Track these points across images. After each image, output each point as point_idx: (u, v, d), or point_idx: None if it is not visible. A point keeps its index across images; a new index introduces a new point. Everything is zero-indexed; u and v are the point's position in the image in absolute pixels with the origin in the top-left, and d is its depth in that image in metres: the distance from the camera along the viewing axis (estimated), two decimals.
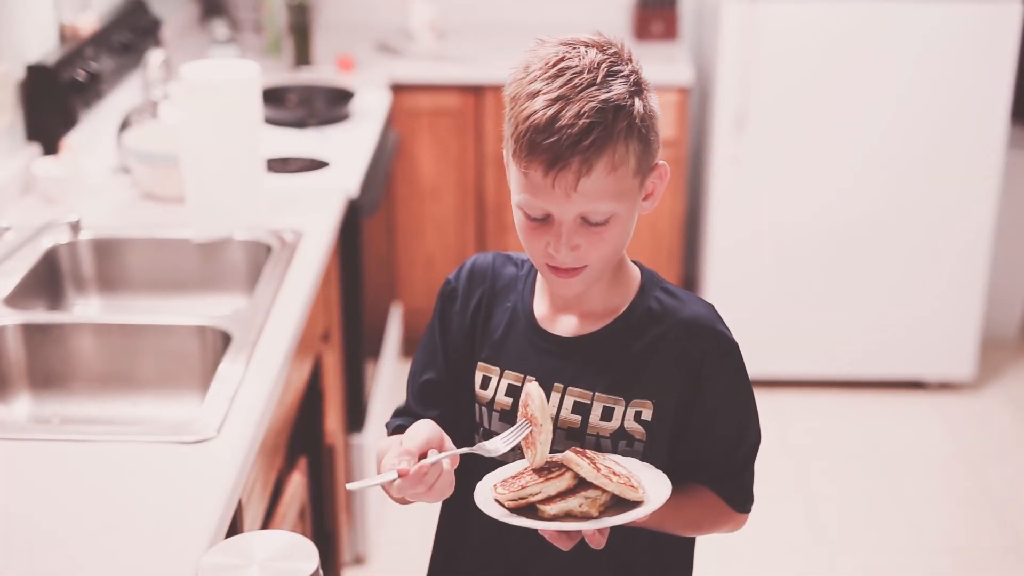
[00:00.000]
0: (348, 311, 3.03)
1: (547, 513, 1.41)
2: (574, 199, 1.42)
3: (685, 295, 1.57)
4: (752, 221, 3.97)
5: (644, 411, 1.52)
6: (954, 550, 3.34)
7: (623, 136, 1.41)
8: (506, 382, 1.56)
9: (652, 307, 1.55)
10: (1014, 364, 4.29)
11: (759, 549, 3.31)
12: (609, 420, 1.52)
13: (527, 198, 1.45)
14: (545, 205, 1.44)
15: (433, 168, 4.02)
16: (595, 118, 1.39)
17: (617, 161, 1.42)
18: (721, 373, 1.55)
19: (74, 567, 1.60)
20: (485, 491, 1.47)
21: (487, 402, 1.58)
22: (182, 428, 1.89)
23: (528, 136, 1.40)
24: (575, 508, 1.41)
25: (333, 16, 4.46)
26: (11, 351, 2.25)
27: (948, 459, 3.74)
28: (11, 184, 2.70)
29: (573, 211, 1.43)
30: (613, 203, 1.44)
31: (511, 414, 1.55)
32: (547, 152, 1.40)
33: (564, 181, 1.41)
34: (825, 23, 3.77)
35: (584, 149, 1.39)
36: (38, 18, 2.88)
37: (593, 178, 1.41)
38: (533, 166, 1.41)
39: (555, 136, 1.39)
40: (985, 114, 3.84)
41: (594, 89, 1.41)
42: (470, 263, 1.66)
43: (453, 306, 1.63)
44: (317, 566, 1.39)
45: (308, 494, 2.58)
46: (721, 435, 1.57)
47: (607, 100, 1.40)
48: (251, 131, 2.57)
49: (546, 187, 1.42)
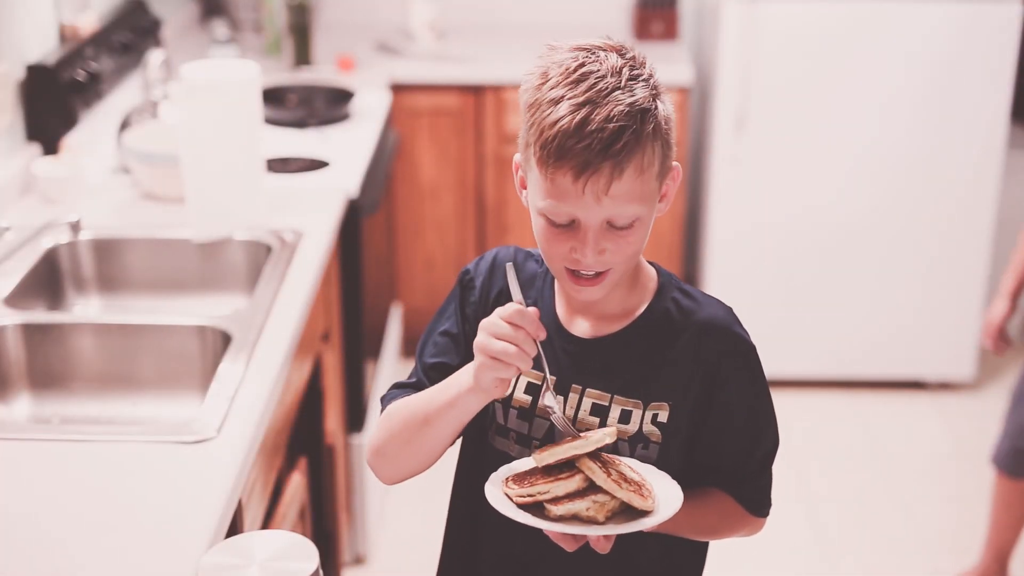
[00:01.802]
0: (348, 311, 3.03)
1: (553, 513, 1.41)
2: (604, 203, 1.40)
3: (702, 296, 1.57)
4: (752, 221, 3.97)
5: (661, 413, 1.52)
6: (954, 550, 3.34)
7: (650, 139, 1.41)
8: (525, 380, 1.55)
9: (670, 309, 1.55)
10: (1014, 364, 4.29)
11: (759, 549, 3.31)
12: (628, 423, 1.52)
13: (554, 204, 1.43)
14: (573, 210, 1.42)
15: (433, 168, 4.02)
16: (625, 122, 1.39)
17: (645, 164, 1.41)
18: (738, 375, 1.54)
19: (74, 567, 1.60)
20: (496, 484, 1.47)
21: (504, 399, 1.56)
22: (182, 428, 1.89)
23: (557, 141, 1.39)
24: (582, 511, 1.40)
25: (333, 16, 4.46)
26: (11, 351, 2.25)
27: (948, 459, 3.74)
28: (11, 184, 2.70)
29: (601, 216, 1.42)
30: (639, 206, 1.43)
31: (529, 412, 1.55)
32: (578, 157, 1.38)
33: (595, 186, 1.39)
34: (825, 23, 3.77)
35: (616, 153, 1.38)
36: (38, 18, 2.88)
37: (623, 182, 1.40)
38: (562, 171, 1.40)
39: (586, 141, 1.38)
40: (985, 114, 3.84)
41: (619, 93, 1.40)
42: (491, 255, 1.63)
43: (471, 295, 1.61)
44: (317, 566, 1.39)
45: (308, 494, 2.58)
46: (738, 438, 1.56)
47: (634, 104, 1.40)
48: (251, 131, 2.57)
49: (575, 192, 1.40)
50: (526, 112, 1.45)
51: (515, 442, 1.56)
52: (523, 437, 1.55)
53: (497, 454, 1.57)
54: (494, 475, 1.48)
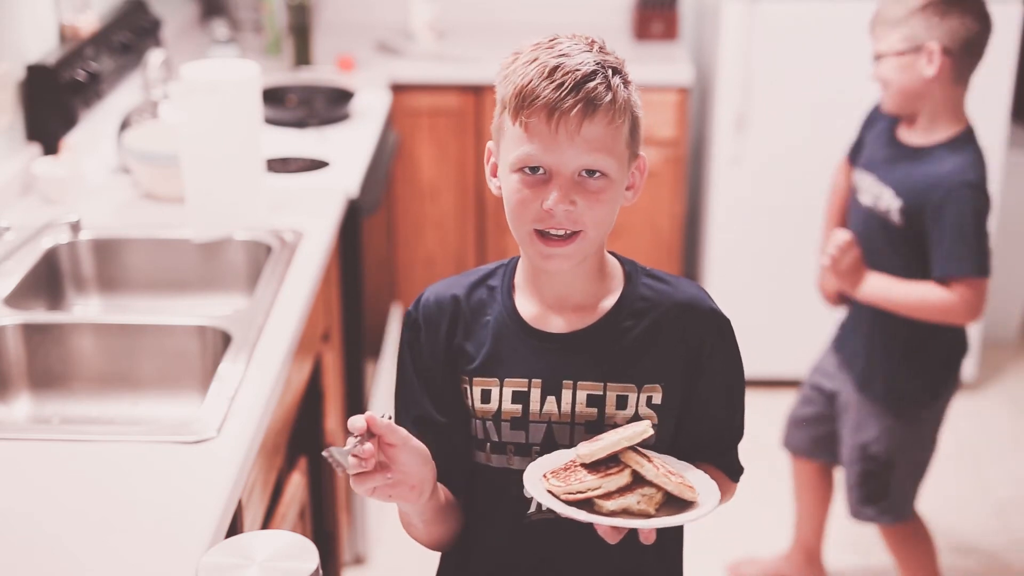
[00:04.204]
0: (348, 311, 3.03)
1: (605, 508, 1.43)
2: (577, 144, 1.44)
3: (672, 278, 1.60)
4: (752, 221, 3.97)
5: (655, 395, 1.54)
6: (954, 550, 3.34)
7: (620, 92, 1.47)
8: (509, 390, 1.55)
9: (644, 293, 1.57)
10: (1014, 364, 4.29)
11: (759, 549, 3.31)
12: (624, 408, 1.53)
13: (527, 149, 1.46)
14: (545, 155, 1.45)
15: (433, 168, 4.02)
16: (596, 68, 1.45)
17: (616, 114, 1.46)
18: (720, 351, 1.58)
19: (74, 567, 1.60)
20: (535, 480, 1.47)
21: (492, 415, 1.56)
22: (182, 428, 1.90)
23: (531, 85, 1.44)
24: (633, 505, 1.43)
25: (333, 16, 4.46)
26: (11, 351, 2.25)
27: (948, 459, 3.74)
28: (11, 184, 2.70)
29: (574, 161, 1.45)
30: (610, 159, 1.47)
31: (523, 421, 1.55)
32: (550, 96, 1.43)
33: (567, 125, 1.44)
34: (825, 23, 3.77)
35: (588, 91, 1.44)
36: (38, 18, 2.88)
37: (595, 124, 1.44)
38: (536, 113, 1.44)
39: (557, 80, 1.44)
40: (985, 114, 3.82)
41: (591, 54, 1.47)
42: (427, 293, 1.62)
43: (419, 335, 1.60)
44: (317, 566, 1.39)
45: (308, 494, 2.58)
46: (720, 409, 1.61)
47: (605, 62, 1.47)
48: (251, 131, 2.57)
49: (549, 134, 1.44)
50: (500, 86, 1.50)
51: (515, 454, 1.56)
52: (522, 447, 1.56)
53: (496, 472, 1.57)
54: (529, 473, 1.48)
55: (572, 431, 1.54)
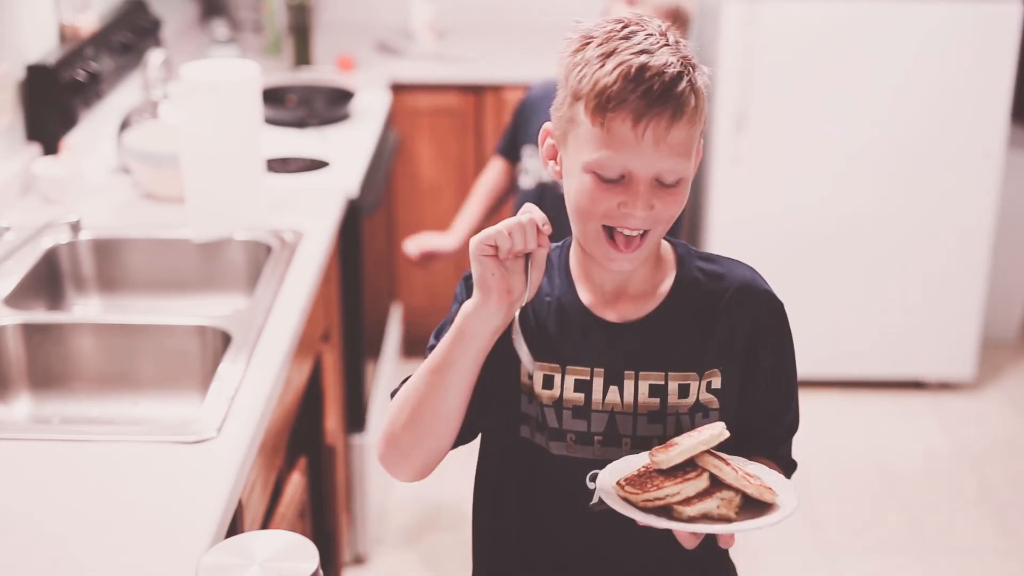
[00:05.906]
0: (348, 311, 3.03)
1: (685, 514, 1.40)
2: (662, 150, 1.41)
3: (724, 260, 1.59)
4: (752, 221, 3.97)
5: (714, 380, 1.53)
6: (954, 550, 3.34)
7: (701, 92, 1.44)
8: (571, 378, 1.53)
9: (698, 278, 1.56)
10: (1014, 364, 4.29)
11: (759, 549, 3.31)
12: (687, 396, 1.52)
13: (608, 154, 1.41)
14: (627, 160, 1.41)
15: (433, 168, 4.02)
16: (681, 69, 1.42)
17: (697, 114, 1.44)
18: (775, 334, 1.57)
19: (74, 567, 1.60)
20: (609, 490, 1.45)
21: (555, 401, 1.53)
22: (182, 428, 1.89)
23: (617, 86, 1.39)
24: (712, 510, 1.41)
25: (333, 16, 4.46)
26: (11, 351, 2.25)
27: (948, 459, 3.74)
28: (11, 184, 2.70)
29: (655, 166, 1.42)
30: (687, 162, 1.44)
31: (585, 410, 1.52)
32: (638, 102, 1.39)
33: (655, 131, 1.40)
34: (825, 23, 3.77)
35: (676, 97, 1.40)
36: (38, 18, 2.88)
37: (681, 129, 1.41)
38: (620, 117, 1.40)
39: (645, 85, 1.39)
40: (985, 114, 3.84)
41: (668, 49, 1.43)
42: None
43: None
44: (317, 566, 1.39)
45: (308, 494, 2.58)
46: (777, 396, 1.59)
47: (685, 59, 1.43)
48: (251, 131, 2.57)
49: (633, 139, 1.40)
50: (570, 72, 1.45)
51: (576, 443, 1.53)
52: (583, 435, 1.53)
53: (557, 461, 1.54)
54: (602, 479, 1.46)
55: (635, 421, 1.52)
